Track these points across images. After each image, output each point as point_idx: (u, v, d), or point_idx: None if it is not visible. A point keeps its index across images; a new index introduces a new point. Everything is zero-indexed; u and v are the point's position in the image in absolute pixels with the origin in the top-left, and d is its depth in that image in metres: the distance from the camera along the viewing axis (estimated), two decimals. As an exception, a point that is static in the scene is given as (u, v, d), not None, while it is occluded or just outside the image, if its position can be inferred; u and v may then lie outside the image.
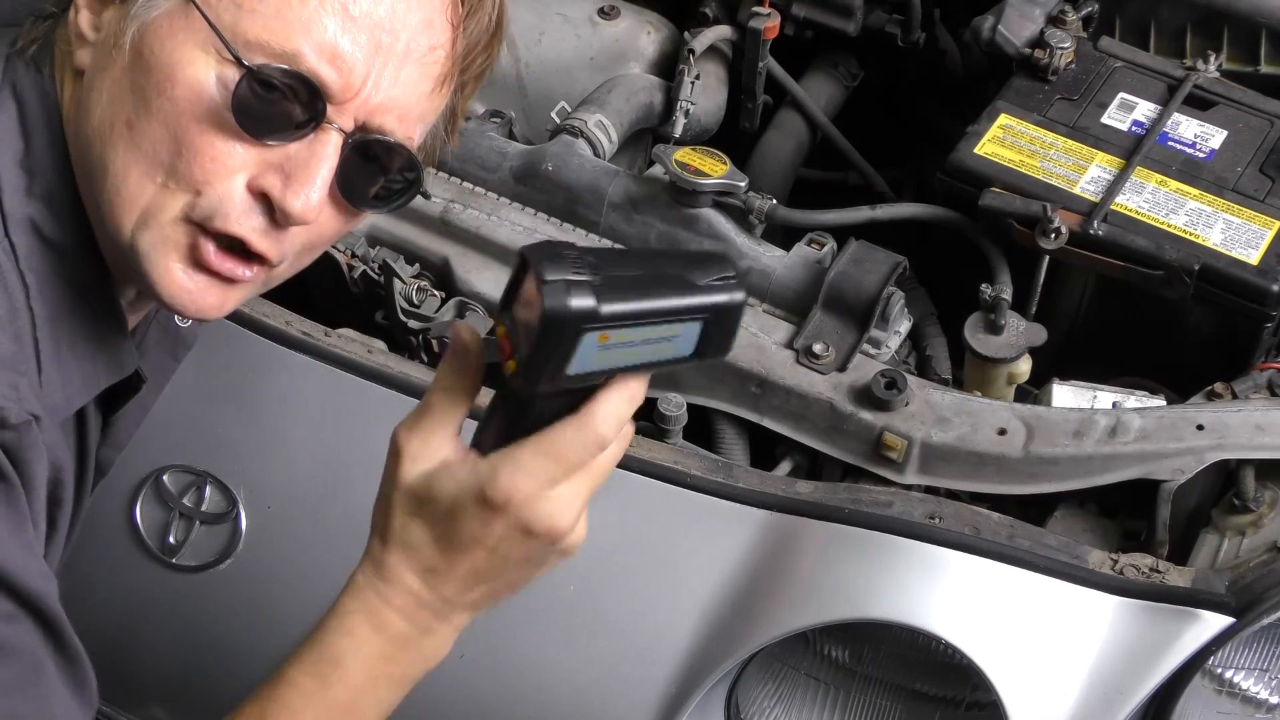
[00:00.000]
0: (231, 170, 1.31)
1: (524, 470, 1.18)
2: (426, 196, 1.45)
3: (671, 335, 1.18)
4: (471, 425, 1.23)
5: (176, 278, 1.34)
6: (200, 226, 1.32)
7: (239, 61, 1.27)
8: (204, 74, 1.29)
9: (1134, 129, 1.99)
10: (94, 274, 1.40)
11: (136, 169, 1.31)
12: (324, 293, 1.95)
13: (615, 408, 1.19)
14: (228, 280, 1.36)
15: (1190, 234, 1.85)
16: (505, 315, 1.16)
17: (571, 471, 1.19)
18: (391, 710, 1.31)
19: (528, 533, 1.20)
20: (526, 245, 1.17)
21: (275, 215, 1.32)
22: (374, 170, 1.38)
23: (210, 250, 1.33)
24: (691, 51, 2.15)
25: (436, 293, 1.90)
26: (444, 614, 1.27)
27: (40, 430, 1.32)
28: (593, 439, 1.19)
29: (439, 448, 1.23)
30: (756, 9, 2.18)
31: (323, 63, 1.29)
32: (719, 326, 1.17)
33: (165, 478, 1.77)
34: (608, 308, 1.11)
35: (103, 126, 1.32)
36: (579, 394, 1.19)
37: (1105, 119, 2.00)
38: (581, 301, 1.10)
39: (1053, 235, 1.83)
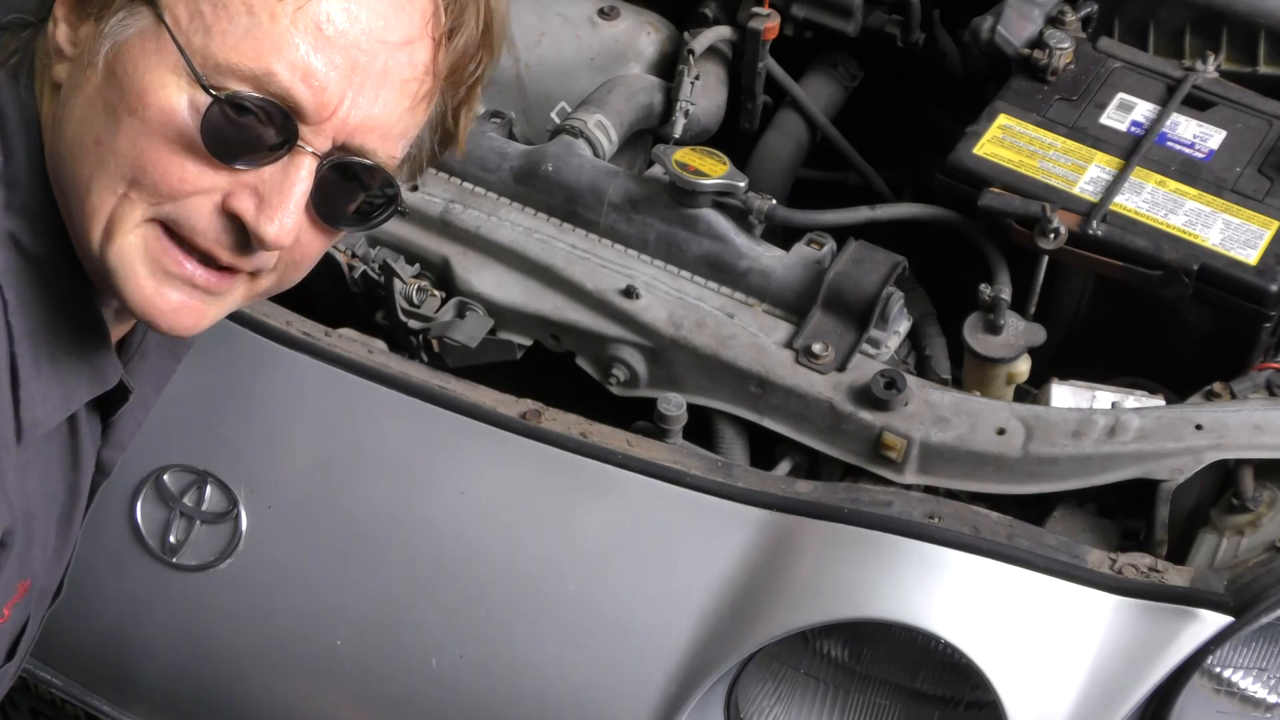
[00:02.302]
0: (201, 190, 1.30)
1: None
2: (403, 214, 1.42)
3: None
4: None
5: (148, 293, 1.33)
6: (165, 230, 1.31)
7: (207, 89, 1.26)
8: (175, 98, 1.27)
9: (1133, 129, 1.99)
10: (75, 287, 1.39)
11: (99, 181, 1.30)
12: (324, 293, 1.95)
13: None
14: (202, 291, 1.35)
15: (1189, 234, 1.85)
16: None
17: None
18: None
19: None
20: None
21: (249, 237, 1.31)
22: (352, 189, 1.36)
23: (180, 258, 1.32)
24: (691, 52, 2.15)
25: (436, 293, 1.90)
26: None
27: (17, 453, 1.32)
28: None
29: None
30: (756, 9, 2.18)
31: (296, 81, 1.27)
32: None
33: (166, 477, 1.77)
34: None
35: (75, 143, 1.31)
36: None
37: (1104, 119, 2.00)
38: None
39: (1052, 235, 1.84)
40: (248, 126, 1.28)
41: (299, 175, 1.31)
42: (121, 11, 1.29)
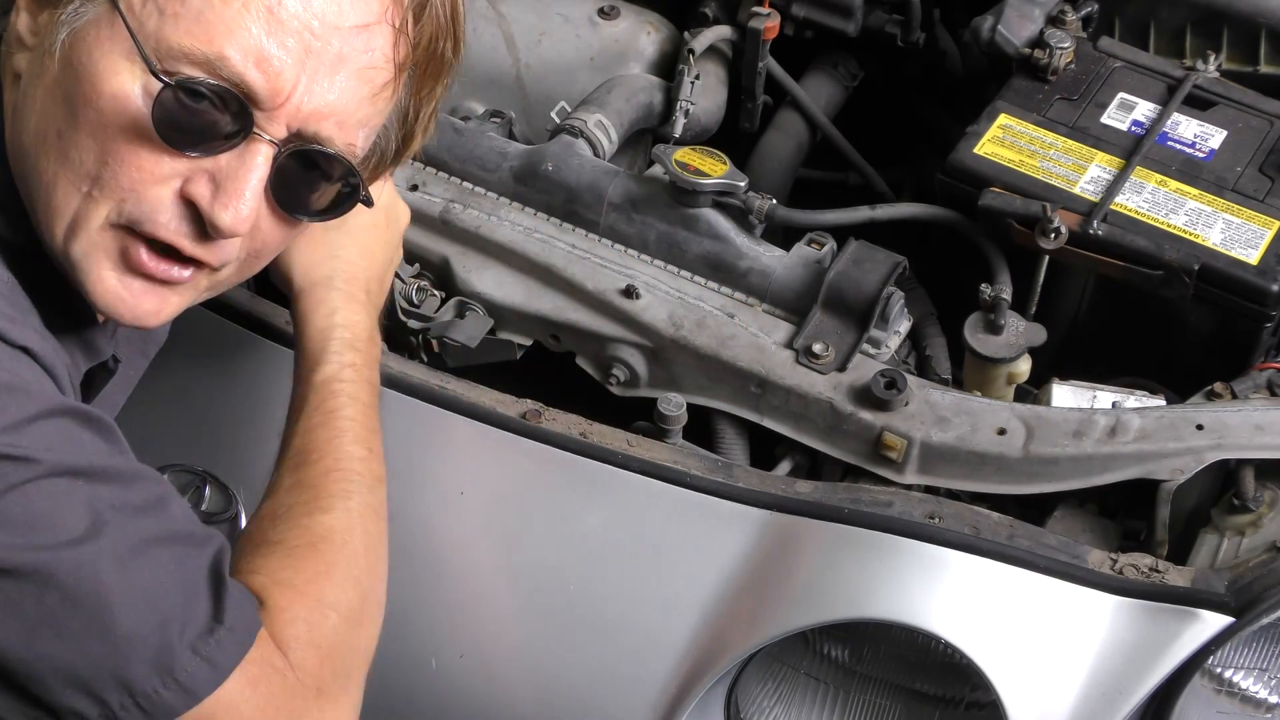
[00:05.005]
0: (159, 179, 1.29)
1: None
2: (369, 204, 1.43)
3: None
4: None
5: (110, 285, 1.33)
6: (129, 230, 1.31)
7: (157, 75, 1.25)
8: (129, 85, 1.27)
9: (1133, 129, 1.99)
10: (54, 269, 1.38)
11: (64, 179, 1.29)
12: (324, 293, 1.95)
13: None
14: (164, 283, 1.35)
15: (1190, 234, 1.85)
16: None
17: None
18: None
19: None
20: None
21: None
22: (313, 179, 1.36)
23: (142, 252, 1.32)
24: (691, 51, 2.15)
25: (436, 293, 1.90)
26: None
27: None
28: None
29: None
30: (756, 9, 2.18)
31: (249, 67, 1.27)
32: None
33: (165, 477, 1.77)
34: None
35: (38, 136, 1.31)
36: None
37: (1105, 119, 2.00)
38: None
39: (1052, 235, 1.83)
40: (201, 113, 1.27)
41: (255, 162, 1.30)
42: None
